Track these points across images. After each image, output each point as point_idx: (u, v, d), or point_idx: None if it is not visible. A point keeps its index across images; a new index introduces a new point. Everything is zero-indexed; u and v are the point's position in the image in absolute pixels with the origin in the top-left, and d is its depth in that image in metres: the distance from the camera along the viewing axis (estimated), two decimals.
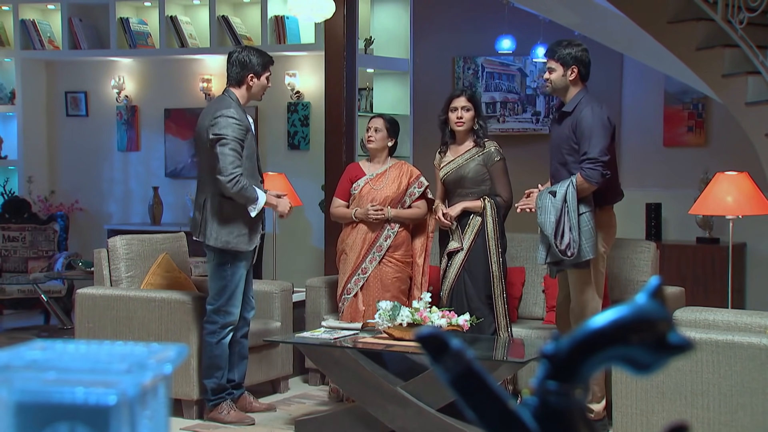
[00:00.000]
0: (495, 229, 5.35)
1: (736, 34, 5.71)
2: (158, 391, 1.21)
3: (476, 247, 5.35)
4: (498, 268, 5.33)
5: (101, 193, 8.97)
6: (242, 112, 5.09)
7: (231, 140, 4.96)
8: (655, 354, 1.08)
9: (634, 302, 1.11)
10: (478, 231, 5.36)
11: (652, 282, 1.14)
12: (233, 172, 4.92)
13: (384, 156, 5.70)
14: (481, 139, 5.47)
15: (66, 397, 1.14)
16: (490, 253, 5.33)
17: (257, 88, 5.19)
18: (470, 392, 1.12)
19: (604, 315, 1.13)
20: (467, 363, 1.12)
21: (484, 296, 5.30)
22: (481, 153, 5.44)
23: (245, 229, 5.07)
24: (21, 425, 1.15)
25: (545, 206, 4.90)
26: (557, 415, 1.12)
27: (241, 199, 4.99)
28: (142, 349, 1.23)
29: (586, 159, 4.85)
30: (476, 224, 5.37)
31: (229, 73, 5.18)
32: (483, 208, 5.36)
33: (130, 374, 1.15)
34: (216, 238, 5.06)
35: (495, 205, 5.37)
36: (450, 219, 5.37)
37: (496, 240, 5.34)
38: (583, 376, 1.12)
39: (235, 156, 4.96)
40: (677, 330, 1.09)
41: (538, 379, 1.15)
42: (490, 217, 5.35)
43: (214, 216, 5.06)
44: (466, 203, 5.41)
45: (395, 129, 5.72)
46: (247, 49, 5.29)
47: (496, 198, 5.40)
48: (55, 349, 1.24)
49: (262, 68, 5.17)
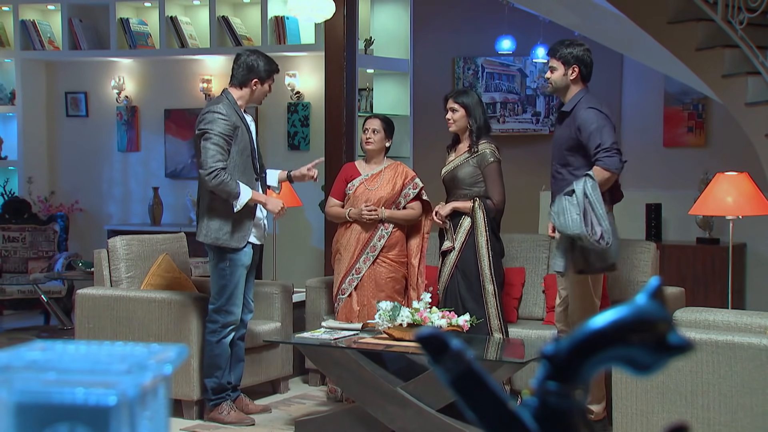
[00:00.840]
0: (485, 230, 5.34)
1: (736, 35, 5.70)
2: (158, 392, 1.21)
3: (467, 247, 5.36)
4: (489, 269, 5.31)
5: (101, 194, 8.97)
6: (234, 110, 5.12)
7: (214, 135, 5.01)
8: (655, 354, 1.08)
9: (634, 303, 1.11)
10: (469, 231, 5.37)
11: (651, 283, 1.14)
12: (213, 165, 4.98)
13: (381, 157, 5.71)
14: (474, 141, 5.45)
15: (66, 398, 1.14)
16: (479, 254, 5.32)
17: (259, 93, 5.26)
18: (470, 393, 1.12)
19: (604, 316, 1.13)
20: (467, 363, 1.12)
21: (478, 297, 5.30)
22: (475, 155, 5.43)
23: (229, 225, 5.09)
24: (21, 426, 1.15)
25: (564, 208, 4.75)
26: (557, 415, 1.12)
27: (223, 194, 5.04)
28: (142, 350, 1.23)
29: (601, 149, 4.80)
30: (467, 225, 5.38)
31: (233, 74, 5.23)
32: (472, 209, 5.36)
33: (130, 375, 1.15)
34: (206, 235, 5.13)
35: (484, 206, 5.36)
36: (440, 218, 5.40)
37: (485, 240, 5.33)
38: (583, 377, 1.12)
39: (217, 150, 5.00)
40: (677, 330, 1.09)
41: (538, 380, 1.15)
42: (479, 218, 5.35)
43: (205, 212, 5.15)
44: (456, 203, 5.42)
45: (392, 129, 5.73)
46: (256, 53, 5.30)
47: (486, 200, 5.38)
48: (55, 350, 1.24)
49: (267, 75, 5.23)
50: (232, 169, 5.04)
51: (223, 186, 4.99)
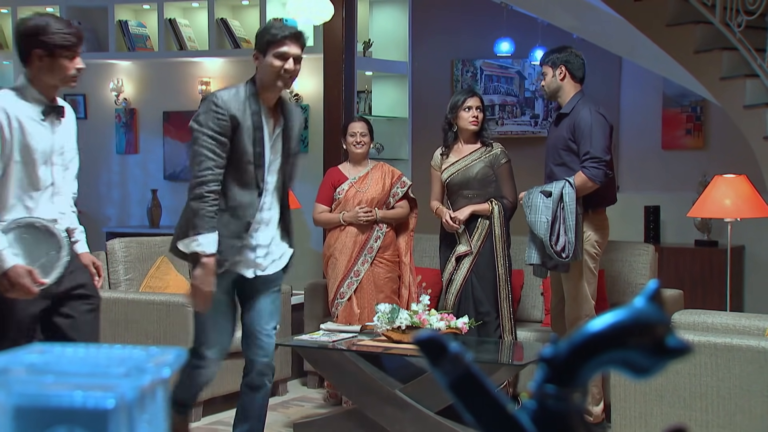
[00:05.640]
0: (502, 232, 5.35)
1: (735, 37, 5.71)
2: (157, 395, 1.21)
3: (484, 251, 5.34)
4: (504, 271, 5.33)
5: (99, 196, 8.97)
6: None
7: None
8: (653, 357, 1.08)
9: (633, 306, 1.11)
10: (486, 234, 5.35)
11: (650, 285, 1.14)
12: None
13: (366, 159, 5.77)
14: (488, 139, 5.48)
15: (64, 401, 1.14)
16: (497, 256, 5.32)
17: (261, 71, 4.01)
18: (469, 396, 1.12)
19: (603, 318, 1.13)
20: (466, 366, 1.12)
21: (492, 299, 5.30)
22: (488, 154, 5.43)
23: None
24: (19, 429, 1.15)
25: (536, 206, 4.90)
26: (556, 418, 1.12)
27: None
28: (140, 353, 1.23)
29: (589, 158, 4.85)
30: (484, 227, 5.35)
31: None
32: (491, 211, 5.35)
33: (129, 378, 1.15)
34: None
35: (502, 207, 5.36)
36: (459, 222, 5.35)
37: (503, 243, 5.34)
38: (582, 380, 1.12)
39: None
40: (675, 333, 1.09)
41: (536, 383, 1.15)
42: (497, 220, 5.33)
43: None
44: (474, 206, 5.37)
45: (372, 130, 5.81)
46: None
47: (503, 200, 5.39)
48: (54, 353, 1.24)
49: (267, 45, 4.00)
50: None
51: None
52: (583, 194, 4.88)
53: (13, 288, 3.47)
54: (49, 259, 3.60)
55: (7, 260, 3.45)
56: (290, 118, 4.05)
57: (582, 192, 4.87)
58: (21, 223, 3.57)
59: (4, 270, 3.46)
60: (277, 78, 3.93)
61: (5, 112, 3.57)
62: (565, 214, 4.82)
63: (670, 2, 6.04)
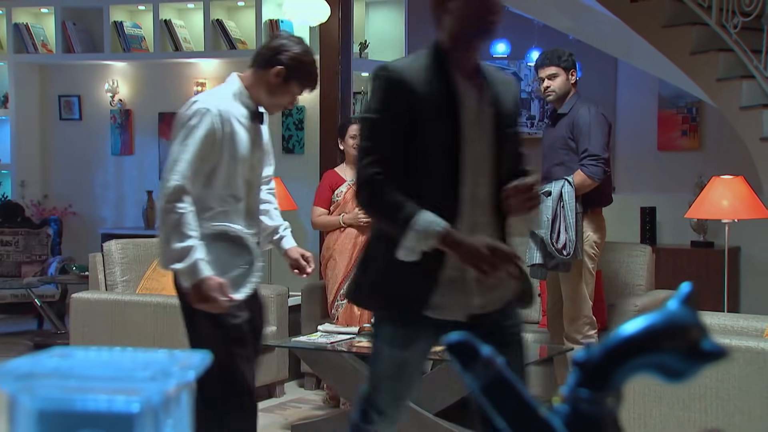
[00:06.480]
0: None
1: (731, 39, 5.72)
2: (181, 399, 1.20)
3: None
4: None
5: (95, 197, 8.94)
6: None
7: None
8: (688, 361, 1.08)
9: (666, 309, 1.11)
10: None
11: (683, 288, 1.14)
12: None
13: None
14: None
15: (89, 405, 1.14)
16: None
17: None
18: (501, 400, 1.12)
19: (637, 321, 1.12)
20: (497, 370, 1.12)
21: None
22: None
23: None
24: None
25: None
26: (589, 423, 1.11)
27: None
28: (165, 357, 1.23)
29: (587, 155, 4.86)
30: None
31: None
32: None
33: (154, 382, 1.14)
34: None
35: None
36: None
37: None
38: (616, 384, 1.12)
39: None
40: (710, 337, 1.09)
41: (569, 387, 1.15)
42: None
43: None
44: None
45: None
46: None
47: None
48: (77, 357, 1.23)
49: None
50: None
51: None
52: (582, 192, 4.88)
53: (203, 300, 3.29)
54: (241, 273, 3.41)
55: (202, 270, 3.25)
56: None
57: (581, 190, 4.88)
58: (217, 230, 3.39)
59: (199, 280, 3.25)
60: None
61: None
62: (566, 212, 4.82)
63: (666, 3, 6.04)
